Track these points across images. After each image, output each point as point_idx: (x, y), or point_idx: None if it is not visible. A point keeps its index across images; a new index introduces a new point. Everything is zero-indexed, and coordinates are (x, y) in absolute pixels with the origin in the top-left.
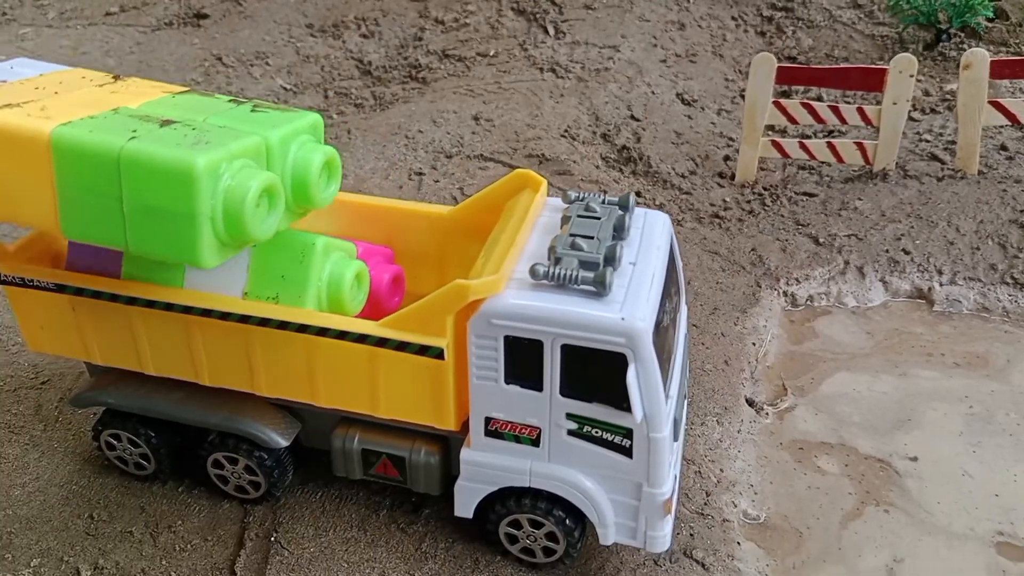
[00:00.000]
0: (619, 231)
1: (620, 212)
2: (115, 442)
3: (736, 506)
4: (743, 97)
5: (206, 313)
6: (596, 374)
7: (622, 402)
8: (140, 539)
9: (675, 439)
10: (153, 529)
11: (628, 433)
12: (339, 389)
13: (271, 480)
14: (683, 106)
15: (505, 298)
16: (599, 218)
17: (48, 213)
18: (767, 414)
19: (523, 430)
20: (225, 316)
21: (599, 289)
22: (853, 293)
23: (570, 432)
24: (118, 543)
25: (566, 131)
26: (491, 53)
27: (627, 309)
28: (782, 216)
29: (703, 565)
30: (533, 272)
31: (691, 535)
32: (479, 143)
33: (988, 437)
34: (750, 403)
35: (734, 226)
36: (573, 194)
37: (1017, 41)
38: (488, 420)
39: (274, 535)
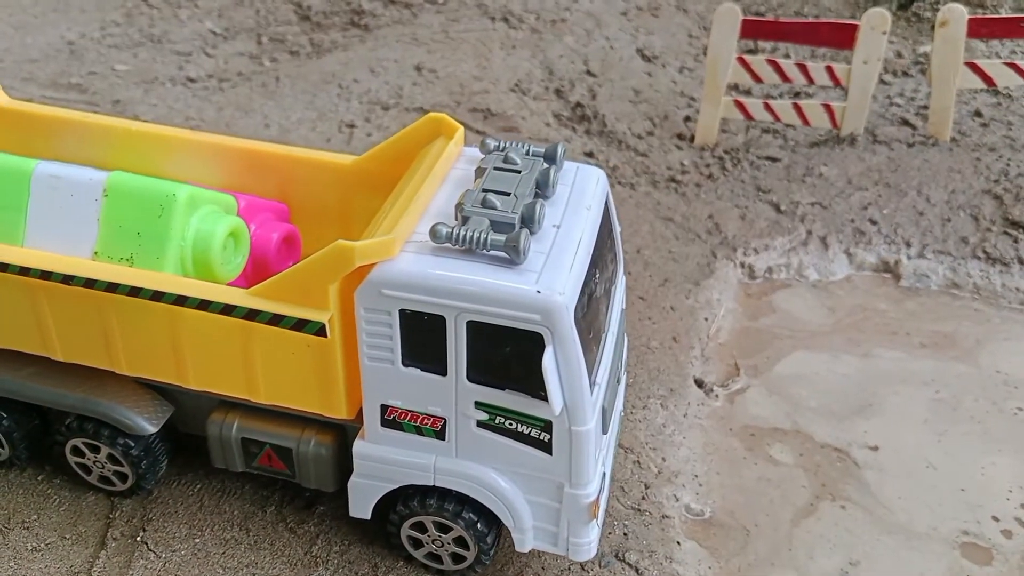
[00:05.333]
0: (542, 187)
1: (545, 165)
2: None
3: (678, 500)
4: (706, 54)
5: (46, 276)
6: (509, 357)
7: (539, 390)
8: None
9: (604, 431)
10: (4, 524)
11: (547, 426)
12: (210, 369)
13: (139, 471)
14: (643, 62)
15: (399, 264)
16: (519, 171)
17: None
18: (717, 396)
19: (426, 420)
20: (68, 280)
21: (512, 256)
22: (815, 265)
23: (480, 423)
24: None
25: (516, 85)
26: (440, 0)
27: (545, 280)
28: (743, 181)
29: (637, 570)
30: (434, 234)
31: (625, 534)
32: (420, 95)
33: (954, 425)
34: (699, 384)
35: (691, 191)
36: (492, 143)
37: (995, 3)
38: (385, 408)
39: (141, 534)
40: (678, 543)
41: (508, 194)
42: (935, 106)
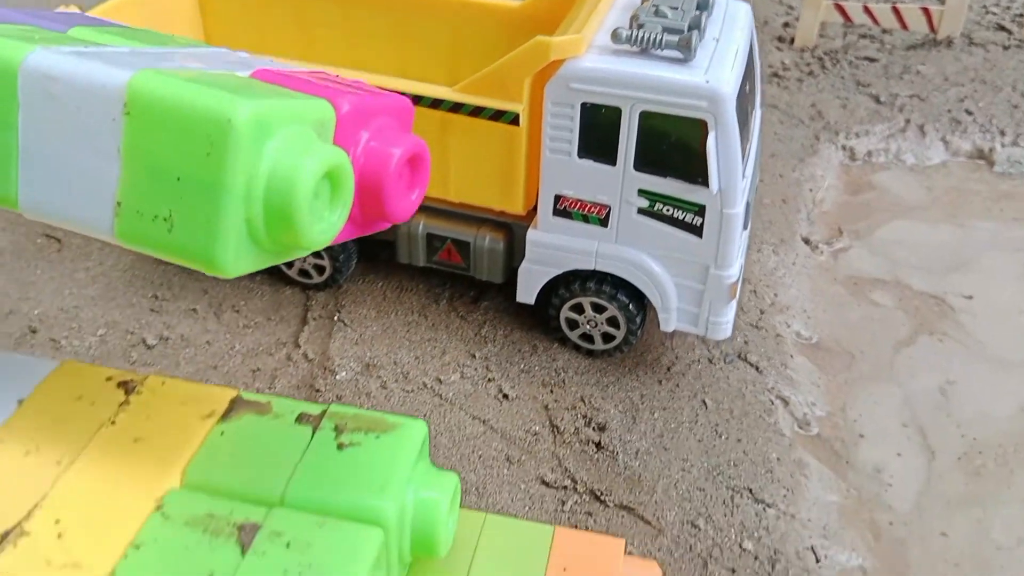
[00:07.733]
0: (702, 7)
1: None
2: None
3: (789, 326)
4: None
5: None
6: (674, 145)
7: (698, 176)
8: (204, 316)
9: (744, 226)
10: (216, 308)
11: (700, 210)
12: None
13: (336, 264)
14: None
15: (585, 61)
16: None
17: None
18: (822, 252)
19: (592, 209)
20: None
21: (684, 53)
22: (913, 151)
23: (640, 210)
24: (182, 319)
25: None
26: None
27: (712, 74)
28: (842, 78)
29: (757, 368)
30: (615, 36)
31: (745, 342)
32: None
33: None
34: (806, 241)
35: (793, 84)
36: None
37: None
38: (558, 198)
39: (337, 315)
40: (791, 356)
41: (676, 8)
42: None
